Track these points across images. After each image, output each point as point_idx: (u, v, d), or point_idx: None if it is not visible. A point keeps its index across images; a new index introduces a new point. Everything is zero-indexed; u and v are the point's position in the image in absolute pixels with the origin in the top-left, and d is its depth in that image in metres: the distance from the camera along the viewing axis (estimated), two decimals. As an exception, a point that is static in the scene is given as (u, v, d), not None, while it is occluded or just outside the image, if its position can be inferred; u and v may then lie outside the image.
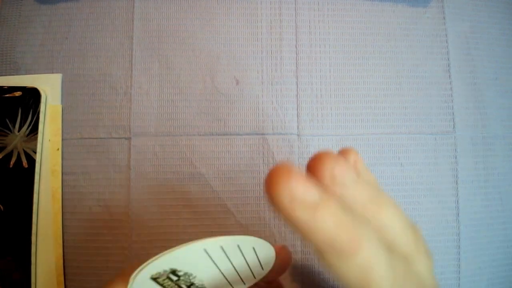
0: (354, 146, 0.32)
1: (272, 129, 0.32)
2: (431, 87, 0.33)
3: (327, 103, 0.32)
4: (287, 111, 0.32)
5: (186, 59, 0.33)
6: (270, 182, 0.14)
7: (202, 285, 0.20)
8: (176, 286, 0.19)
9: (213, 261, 0.18)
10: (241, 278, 0.21)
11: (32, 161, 0.30)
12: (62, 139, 0.31)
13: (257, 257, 0.19)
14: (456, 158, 0.32)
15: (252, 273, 0.21)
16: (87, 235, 0.30)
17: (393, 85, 0.33)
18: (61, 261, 0.30)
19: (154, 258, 0.17)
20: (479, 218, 0.32)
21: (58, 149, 0.31)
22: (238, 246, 0.18)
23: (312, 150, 0.32)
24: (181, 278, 0.19)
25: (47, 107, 0.31)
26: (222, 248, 0.17)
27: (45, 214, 0.30)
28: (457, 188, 0.32)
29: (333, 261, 0.14)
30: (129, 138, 0.32)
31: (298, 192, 0.13)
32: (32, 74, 0.32)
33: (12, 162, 0.30)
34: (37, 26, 0.33)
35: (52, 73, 0.32)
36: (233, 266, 0.19)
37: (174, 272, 0.18)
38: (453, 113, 0.33)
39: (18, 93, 0.31)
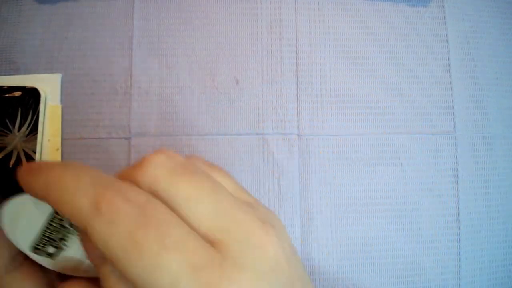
0: (354, 146, 0.32)
1: (272, 129, 0.32)
2: (431, 87, 0.33)
3: (327, 103, 0.32)
4: (287, 111, 0.32)
5: (186, 59, 0.33)
6: None
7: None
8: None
9: None
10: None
11: (31, 161, 0.30)
12: (62, 139, 0.31)
13: None
14: (456, 158, 0.32)
15: None
16: (87, 235, 0.30)
17: (393, 85, 0.33)
18: (61, 261, 0.30)
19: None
20: (479, 218, 0.32)
21: (57, 149, 0.31)
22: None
23: (312, 150, 0.32)
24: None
25: (46, 107, 0.31)
26: None
27: (45, 214, 0.30)
28: (457, 188, 0.32)
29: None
30: (129, 138, 0.32)
31: None
32: (31, 74, 0.32)
33: (11, 162, 0.30)
34: (36, 26, 0.33)
35: (52, 73, 0.32)
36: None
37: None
38: (453, 113, 0.33)
39: (17, 93, 0.31)
